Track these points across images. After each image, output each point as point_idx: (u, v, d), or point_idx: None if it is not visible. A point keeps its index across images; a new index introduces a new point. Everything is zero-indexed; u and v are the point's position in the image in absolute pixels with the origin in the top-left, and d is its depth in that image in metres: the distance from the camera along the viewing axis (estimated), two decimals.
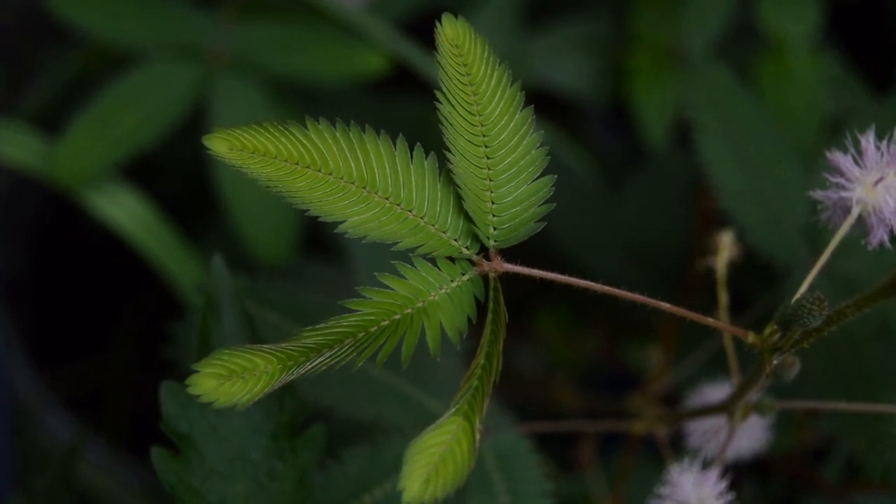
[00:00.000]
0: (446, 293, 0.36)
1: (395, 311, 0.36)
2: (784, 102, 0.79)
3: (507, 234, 0.37)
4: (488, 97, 0.37)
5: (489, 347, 0.36)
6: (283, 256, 0.73)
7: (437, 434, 0.34)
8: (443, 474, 0.33)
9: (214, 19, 0.75)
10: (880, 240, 0.37)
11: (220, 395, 0.34)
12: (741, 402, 0.45)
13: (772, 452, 0.62)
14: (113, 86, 0.73)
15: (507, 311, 0.37)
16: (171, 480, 0.43)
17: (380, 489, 0.49)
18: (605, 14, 0.88)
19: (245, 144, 0.36)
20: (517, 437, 0.52)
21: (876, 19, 0.97)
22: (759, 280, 0.66)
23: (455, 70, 0.37)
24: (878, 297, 0.35)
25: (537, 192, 0.37)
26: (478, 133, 0.37)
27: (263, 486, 0.44)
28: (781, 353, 0.38)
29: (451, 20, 0.37)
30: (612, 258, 0.80)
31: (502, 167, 0.37)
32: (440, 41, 0.37)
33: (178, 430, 0.43)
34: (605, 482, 0.65)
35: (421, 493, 0.33)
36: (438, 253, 0.36)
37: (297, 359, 0.35)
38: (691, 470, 0.45)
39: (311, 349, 0.35)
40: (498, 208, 0.37)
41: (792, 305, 0.36)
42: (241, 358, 0.35)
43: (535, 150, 0.37)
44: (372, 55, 0.74)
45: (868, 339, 0.55)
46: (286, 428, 0.45)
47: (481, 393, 0.35)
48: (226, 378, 0.34)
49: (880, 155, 0.37)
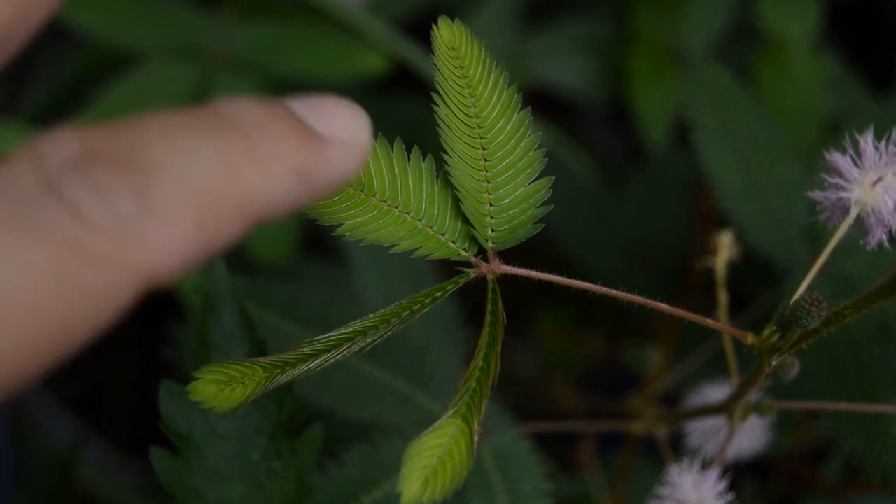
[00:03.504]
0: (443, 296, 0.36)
1: (394, 316, 0.36)
2: (784, 102, 0.79)
3: (506, 236, 0.37)
4: (485, 99, 0.37)
5: (487, 349, 0.36)
6: (283, 257, 0.73)
7: (436, 436, 0.34)
8: (441, 476, 0.33)
9: (214, 19, 0.75)
10: (879, 240, 0.37)
11: (220, 400, 0.34)
12: (741, 403, 0.45)
13: (772, 452, 0.62)
14: (113, 86, 0.73)
15: (504, 313, 0.37)
16: (171, 481, 0.43)
17: (379, 490, 0.49)
18: (605, 14, 0.88)
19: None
20: (516, 438, 0.52)
21: (876, 19, 0.96)
22: (759, 280, 0.66)
23: (452, 72, 0.37)
24: (876, 297, 0.35)
25: (535, 193, 0.37)
26: (475, 135, 0.37)
27: (262, 487, 0.44)
28: (781, 353, 0.38)
29: (448, 23, 0.37)
30: (612, 258, 0.80)
31: (500, 169, 0.37)
32: (437, 44, 0.37)
33: (177, 430, 0.43)
34: (605, 482, 0.65)
35: (419, 495, 0.33)
36: (436, 255, 0.36)
37: (296, 364, 0.35)
38: (691, 470, 0.45)
39: (309, 356, 0.35)
40: (496, 210, 0.37)
41: (790, 306, 0.36)
42: (241, 364, 0.35)
43: (532, 152, 0.37)
44: (372, 55, 0.74)
45: (867, 339, 0.55)
46: (285, 428, 0.45)
47: (479, 395, 0.35)
48: (226, 384, 0.34)
49: (879, 155, 0.37)
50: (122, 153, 0.26)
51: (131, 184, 0.25)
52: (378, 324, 0.35)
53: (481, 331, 0.37)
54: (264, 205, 0.28)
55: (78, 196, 0.25)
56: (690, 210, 0.77)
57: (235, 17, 0.76)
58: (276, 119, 0.29)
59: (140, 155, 0.26)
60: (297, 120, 0.29)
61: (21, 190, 0.25)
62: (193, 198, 0.26)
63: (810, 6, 0.81)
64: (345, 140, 0.30)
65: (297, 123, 0.29)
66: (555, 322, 0.83)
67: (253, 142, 0.28)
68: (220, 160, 0.27)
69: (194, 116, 0.27)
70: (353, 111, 0.31)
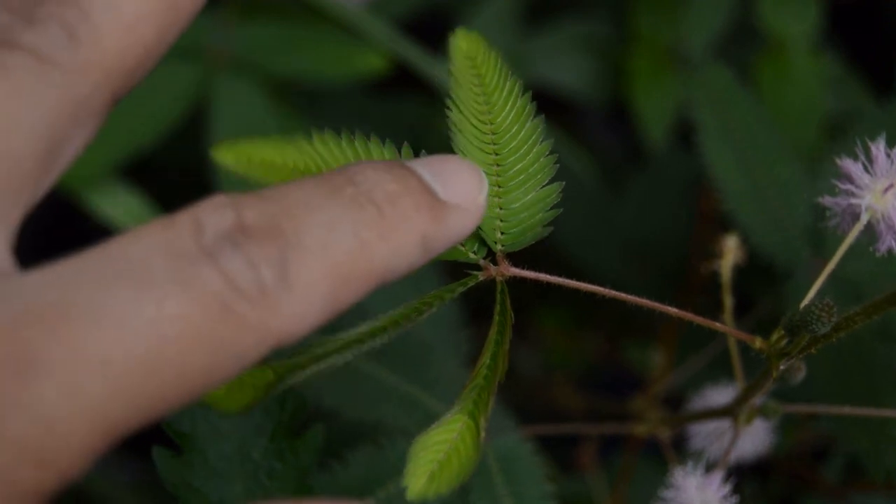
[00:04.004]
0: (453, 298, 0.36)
1: (403, 318, 0.36)
2: (784, 102, 0.79)
3: (514, 239, 0.37)
4: (500, 106, 0.37)
5: (495, 347, 0.36)
6: None
7: (442, 431, 0.34)
8: (447, 471, 0.33)
9: (214, 19, 0.75)
10: (889, 246, 0.37)
11: (229, 403, 0.34)
12: (746, 406, 0.45)
13: (772, 453, 0.62)
14: None
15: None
16: (174, 480, 0.43)
17: (384, 490, 0.49)
18: (605, 14, 0.88)
19: (252, 157, 0.36)
20: (519, 440, 0.52)
21: (876, 19, 0.97)
22: (760, 280, 0.66)
23: (469, 80, 0.37)
24: (888, 304, 0.35)
25: (546, 198, 0.37)
26: (488, 141, 0.37)
27: (263, 486, 0.44)
28: (789, 358, 0.38)
29: (466, 33, 0.37)
30: (612, 258, 0.80)
31: (511, 174, 0.37)
32: (454, 53, 0.37)
33: (179, 429, 0.43)
34: (607, 484, 0.65)
35: (425, 490, 0.33)
36: (445, 257, 0.36)
37: (307, 366, 0.35)
38: (695, 473, 0.45)
39: (320, 357, 0.35)
40: (506, 214, 0.37)
41: (800, 312, 0.36)
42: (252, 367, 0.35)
43: (544, 158, 0.37)
44: (372, 55, 0.74)
45: (871, 339, 0.55)
46: (286, 428, 0.45)
47: (487, 392, 0.35)
48: (235, 386, 0.34)
49: (890, 162, 0.37)
50: (269, 226, 0.29)
51: (275, 258, 0.29)
52: (387, 325, 0.35)
53: (486, 331, 0.37)
54: (389, 272, 0.31)
55: (231, 265, 0.28)
56: (690, 210, 0.77)
57: (235, 16, 0.76)
58: (406, 191, 0.32)
59: (284, 229, 0.29)
60: (424, 188, 0.32)
61: (184, 252, 0.28)
62: (328, 270, 0.29)
63: (810, 6, 0.81)
64: (464, 205, 0.33)
65: (425, 193, 0.32)
66: (556, 322, 0.83)
67: (384, 215, 0.31)
68: (353, 234, 0.30)
69: (332, 187, 0.31)
70: (473, 173, 0.34)
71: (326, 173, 0.32)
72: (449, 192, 0.33)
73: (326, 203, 0.30)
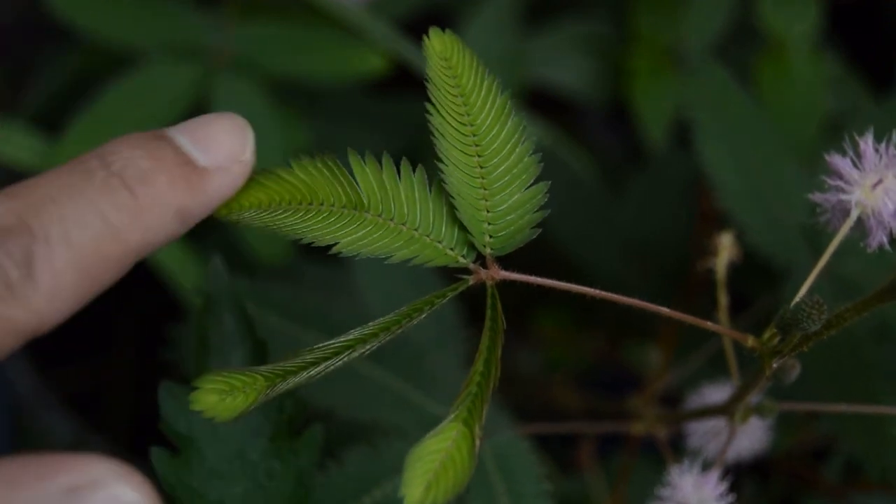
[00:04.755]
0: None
1: (394, 324, 0.36)
2: (783, 102, 0.79)
3: (503, 242, 0.37)
4: (479, 107, 0.37)
5: (488, 354, 0.36)
6: (283, 257, 0.73)
7: (437, 440, 0.34)
8: (443, 481, 0.33)
9: (215, 19, 0.75)
10: (879, 242, 0.37)
11: (221, 409, 0.34)
12: (741, 405, 0.45)
13: (772, 453, 0.62)
14: (113, 86, 0.73)
15: (505, 312, 0.37)
16: (172, 481, 0.43)
17: (379, 490, 0.49)
18: (605, 14, 0.88)
19: (242, 203, 0.36)
20: (516, 438, 0.52)
21: (876, 19, 0.96)
22: (759, 280, 0.66)
23: (445, 82, 0.37)
24: (878, 300, 0.35)
25: (532, 198, 0.37)
26: (470, 143, 0.37)
27: (262, 487, 0.44)
28: (782, 356, 0.38)
29: (439, 34, 0.37)
30: (612, 257, 0.79)
31: (496, 175, 0.37)
32: (429, 55, 0.37)
33: (177, 430, 0.43)
34: (605, 483, 0.65)
35: (422, 500, 0.33)
36: (435, 262, 0.36)
37: (297, 372, 0.35)
38: (692, 471, 0.45)
39: (310, 363, 0.35)
40: (493, 216, 0.37)
41: (791, 309, 0.36)
42: (242, 373, 0.35)
43: (528, 157, 0.37)
44: (372, 55, 0.74)
45: (868, 339, 0.55)
46: (285, 429, 0.45)
47: (480, 399, 0.35)
48: (227, 393, 0.34)
49: (879, 157, 0.37)
50: (16, 223, 0.30)
51: (19, 255, 0.30)
52: (378, 331, 0.35)
53: (481, 334, 0.37)
54: (145, 248, 0.32)
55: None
56: (690, 210, 0.77)
57: (235, 16, 0.76)
58: (160, 167, 0.32)
59: (31, 225, 0.30)
60: (181, 160, 0.33)
61: None
62: (74, 260, 0.30)
63: (810, 6, 0.81)
64: (225, 166, 0.33)
65: (180, 165, 0.33)
66: (555, 321, 0.83)
67: (136, 195, 0.31)
68: (102, 220, 0.31)
69: (83, 173, 0.31)
70: (235, 131, 0.34)
71: (82, 156, 0.32)
72: (210, 156, 0.33)
73: (74, 193, 0.31)
